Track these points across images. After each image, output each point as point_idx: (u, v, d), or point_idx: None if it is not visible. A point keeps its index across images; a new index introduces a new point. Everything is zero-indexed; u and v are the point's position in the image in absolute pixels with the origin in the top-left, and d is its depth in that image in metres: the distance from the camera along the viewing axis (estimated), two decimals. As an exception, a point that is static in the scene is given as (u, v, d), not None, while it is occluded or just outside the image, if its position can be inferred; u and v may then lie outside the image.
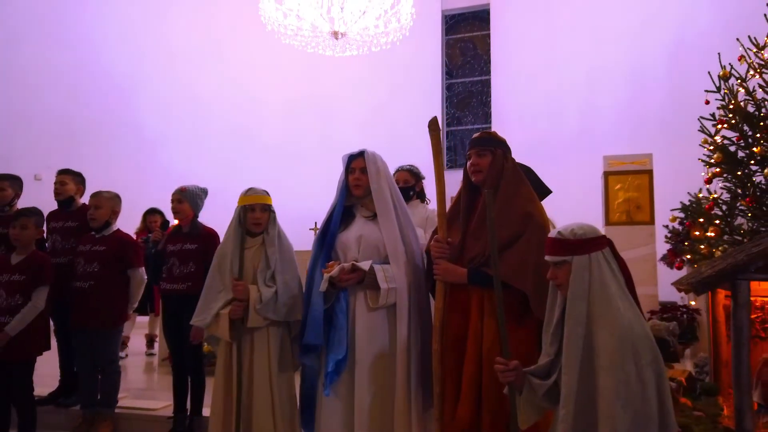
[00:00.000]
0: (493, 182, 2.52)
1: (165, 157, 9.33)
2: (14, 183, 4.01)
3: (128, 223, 4.68)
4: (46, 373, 4.04)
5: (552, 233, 2.02)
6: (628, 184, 6.36)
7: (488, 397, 2.34)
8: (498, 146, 2.58)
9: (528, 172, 2.88)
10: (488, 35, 11.26)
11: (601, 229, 6.77)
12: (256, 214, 2.89)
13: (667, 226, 6.18)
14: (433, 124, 2.69)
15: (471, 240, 2.53)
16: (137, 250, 3.84)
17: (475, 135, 2.68)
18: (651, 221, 6.24)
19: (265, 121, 10.42)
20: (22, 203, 3.97)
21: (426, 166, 4.12)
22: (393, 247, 2.66)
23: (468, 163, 2.61)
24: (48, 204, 4.09)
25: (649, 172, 6.28)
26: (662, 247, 6.33)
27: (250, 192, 2.95)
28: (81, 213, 3.95)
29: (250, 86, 10.25)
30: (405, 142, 10.20)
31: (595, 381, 1.77)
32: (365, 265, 2.63)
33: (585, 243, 1.92)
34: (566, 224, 2.04)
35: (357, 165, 2.78)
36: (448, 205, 2.73)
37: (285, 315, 2.82)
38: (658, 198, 6.25)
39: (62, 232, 3.94)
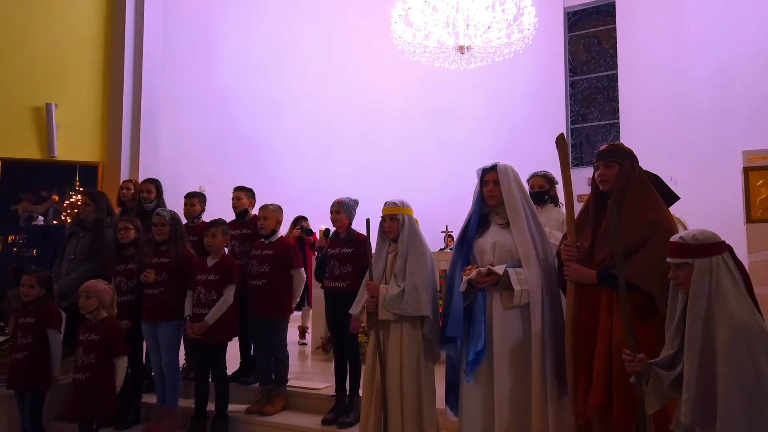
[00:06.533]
0: (621, 191, 2.71)
1: (301, 168, 10.24)
2: (201, 199, 4.92)
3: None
4: (229, 356, 4.83)
5: (674, 238, 2.24)
6: (772, 179, 6.06)
7: (618, 387, 2.55)
8: (625, 157, 2.76)
9: (654, 179, 3.06)
10: (614, 29, 10.99)
11: (743, 227, 6.58)
12: (386, 223, 3.38)
13: (818, 223, 5.83)
14: (560, 140, 2.98)
15: (600, 244, 2.75)
16: (297, 253, 4.51)
17: (602, 147, 2.89)
18: (799, 218, 5.92)
19: (387, 130, 10.99)
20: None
21: (545, 164, 4.37)
22: (525, 251, 2.93)
23: (596, 174, 2.83)
24: (210, 212, 4.91)
25: (796, 166, 5.96)
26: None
27: (385, 204, 3.43)
28: (254, 222, 4.71)
29: (372, 100, 10.89)
30: (525, 142, 10.32)
31: (714, 369, 2.00)
32: (500, 269, 2.91)
33: (706, 247, 2.14)
34: (688, 230, 2.28)
35: (490, 178, 3.06)
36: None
37: (411, 311, 3.19)
38: (807, 193, 5.91)
39: (240, 238, 4.72)
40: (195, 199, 4.90)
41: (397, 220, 3.35)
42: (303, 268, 4.50)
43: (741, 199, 6.33)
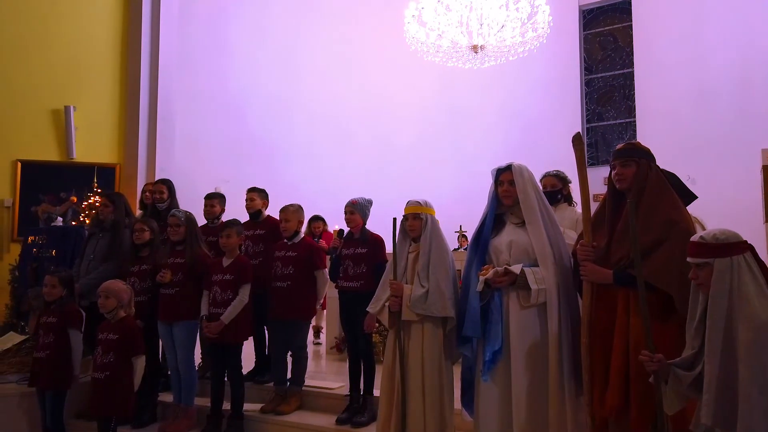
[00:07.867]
0: (638, 190, 2.68)
1: (314, 169, 10.24)
2: (221, 200, 4.97)
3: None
4: (244, 355, 4.85)
5: (694, 237, 2.21)
6: (793, 178, 5.97)
7: (635, 388, 2.53)
8: (642, 156, 2.75)
9: (672, 178, 3.02)
10: (630, 26, 10.89)
11: (762, 226, 6.48)
12: (408, 222, 3.37)
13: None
14: (576, 139, 2.95)
15: (616, 243, 2.72)
16: (321, 255, 4.52)
17: (619, 146, 2.87)
18: (820, 217, 5.82)
19: (401, 131, 10.96)
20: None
21: (561, 163, 4.34)
22: (541, 250, 2.92)
23: (612, 173, 2.81)
24: (224, 213, 4.95)
25: (817, 165, 5.86)
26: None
27: (408, 203, 3.43)
28: (267, 223, 4.76)
29: (385, 100, 10.86)
30: (540, 141, 10.26)
31: (735, 370, 1.98)
32: (516, 268, 2.90)
33: (726, 247, 2.11)
34: (709, 229, 2.25)
35: (505, 178, 3.06)
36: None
37: (435, 311, 3.18)
38: (829, 192, 5.81)
39: (253, 238, 4.74)
40: (215, 200, 4.94)
41: (420, 219, 3.35)
42: (327, 270, 4.50)
43: (760, 198, 6.24)
